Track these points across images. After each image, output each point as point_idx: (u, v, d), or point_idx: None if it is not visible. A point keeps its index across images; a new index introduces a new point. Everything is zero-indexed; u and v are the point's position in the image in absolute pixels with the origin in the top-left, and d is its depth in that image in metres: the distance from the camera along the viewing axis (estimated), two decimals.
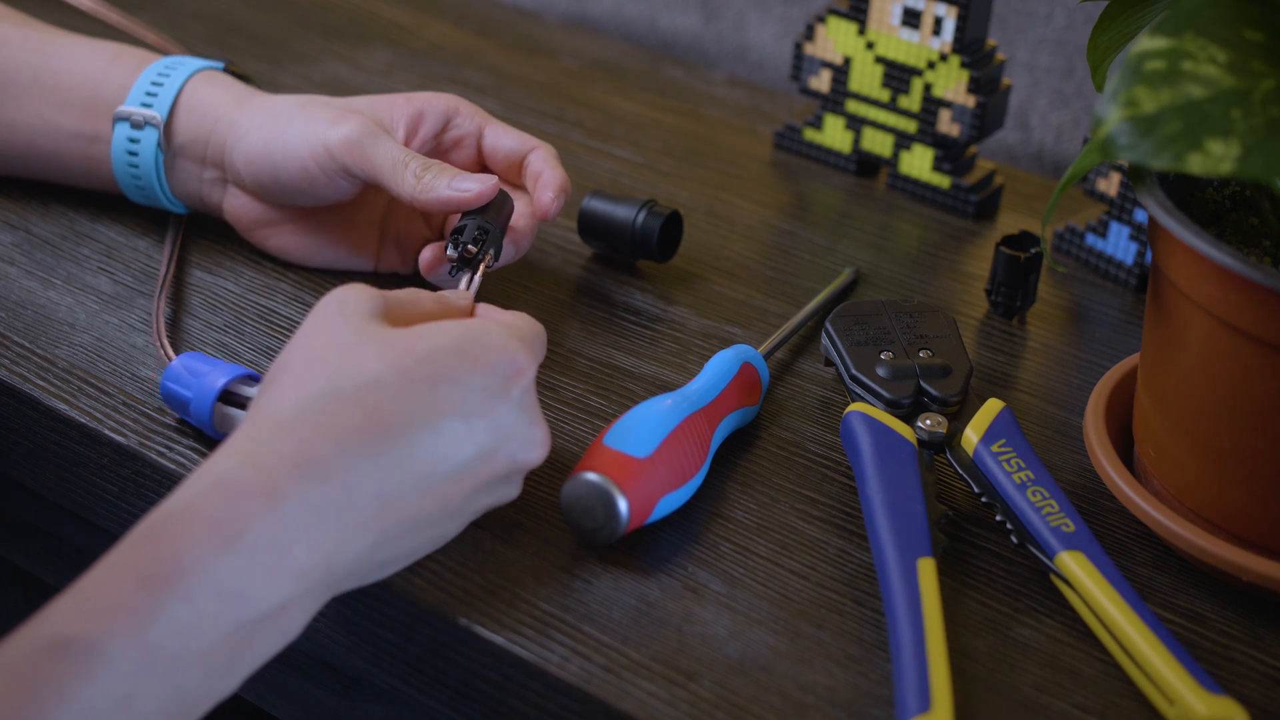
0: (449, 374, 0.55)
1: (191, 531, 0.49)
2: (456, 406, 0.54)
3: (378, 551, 0.53)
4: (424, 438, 0.54)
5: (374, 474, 0.52)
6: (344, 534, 0.52)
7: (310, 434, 0.52)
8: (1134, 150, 0.51)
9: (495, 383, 0.56)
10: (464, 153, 0.76)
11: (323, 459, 0.52)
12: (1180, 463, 0.61)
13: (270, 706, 0.70)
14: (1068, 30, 1.03)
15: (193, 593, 0.48)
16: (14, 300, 0.73)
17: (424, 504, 0.54)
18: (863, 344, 0.68)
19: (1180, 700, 0.53)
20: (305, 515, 0.51)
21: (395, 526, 0.53)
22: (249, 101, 0.74)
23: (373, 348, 0.54)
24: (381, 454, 0.53)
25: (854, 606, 0.59)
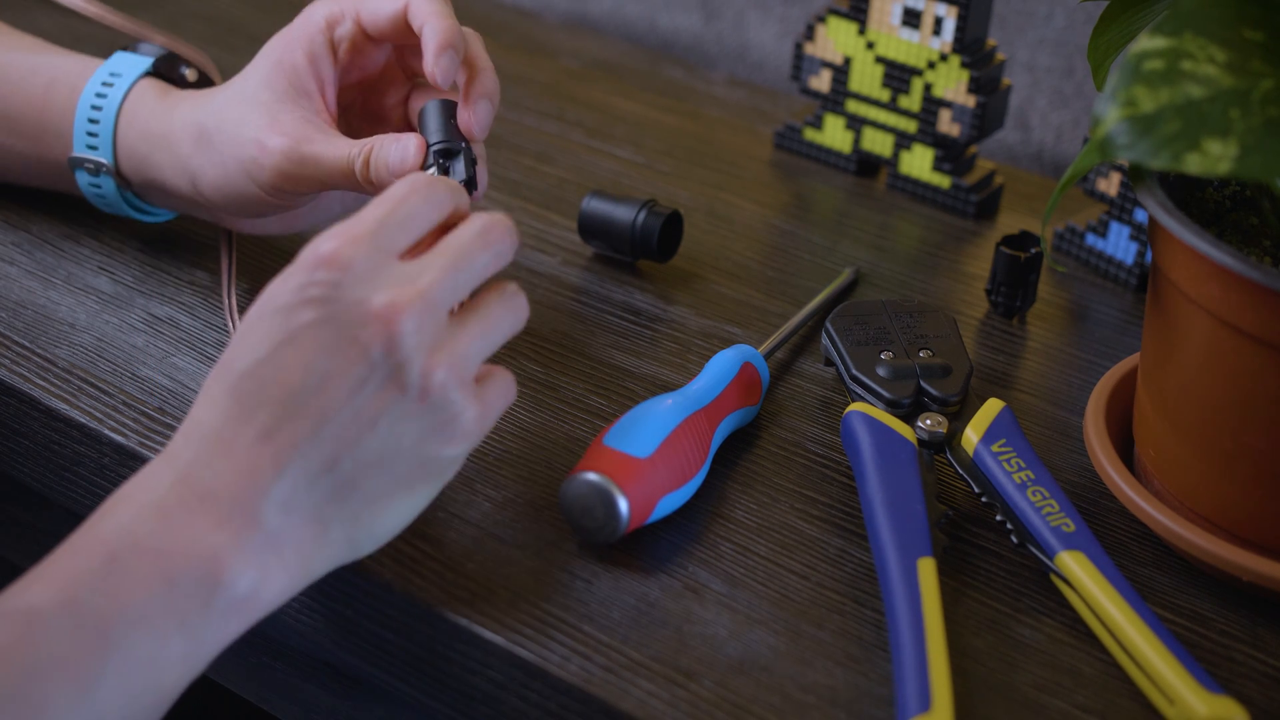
0: (270, 295, 0.54)
1: (111, 508, 0.52)
2: (279, 322, 0.54)
3: (301, 488, 0.52)
4: (261, 368, 0.53)
5: (234, 415, 0.53)
6: (238, 479, 0.52)
7: (192, 411, 0.54)
8: (1132, 150, 0.51)
9: (306, 278, 0.54)
10: (365, 54, 0.72)
11: (196, 421, 0.54)
12: (1180, 463, 0.61)
13: (270, 706, 0.70)
14: (1068, 30, 1.03)
15: (114, 553, 0.50)
16: (14, 300, 0.73)
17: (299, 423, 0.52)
18: (863, 344, 0.68)
19: (1180, 700, 0.53)
20: (197, 469, 0.52)
21: (291, 456, 0.52)
22: (177, 134, 0.71)
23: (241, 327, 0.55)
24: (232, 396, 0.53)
25: (854, 606, 0.59)
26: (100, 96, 0.73)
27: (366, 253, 0.54)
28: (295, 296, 0.54)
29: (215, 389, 0.54)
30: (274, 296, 0.54)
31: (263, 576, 0.52)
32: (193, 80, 0.76)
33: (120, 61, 0.74)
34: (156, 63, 0.75)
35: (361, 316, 0.53)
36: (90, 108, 0.73)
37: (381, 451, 0.54)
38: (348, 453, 0.53)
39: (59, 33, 1.01)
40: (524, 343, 0.73)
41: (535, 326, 0.75)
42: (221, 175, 0.69)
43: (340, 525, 0.54)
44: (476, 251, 0.56)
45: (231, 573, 0.51)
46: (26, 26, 0.94)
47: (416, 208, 0.56)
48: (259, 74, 0.70)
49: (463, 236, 0.56)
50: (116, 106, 0.73)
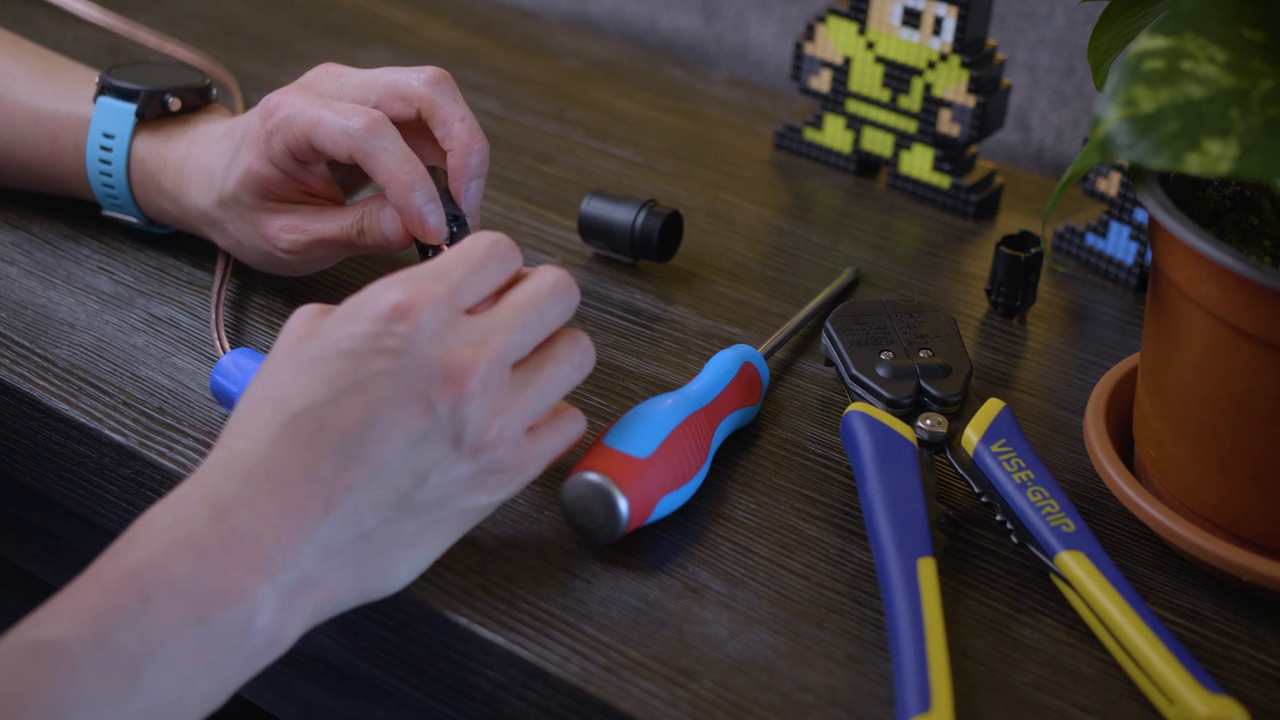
0: (334, 339, 0.54)
1: (146, 540, 0.51)
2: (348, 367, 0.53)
3: (340, 531, 0.52)
4: (325, 408, 0.53)
5: (292, 457, 0.52)
6: (285, 520, 0.51)
7: (234, 441, 0.53)
8: (1132, 150, 0.51)
9: (380, 329, 0.54)
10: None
11: (244, 455, 0.52)
12: (1180, 463, 0.61)
13: (270, 706, 0.70)
14: (1068, 30, 1.03)
15: (149, 595, 0.49)
16: (14, 300, 0.73)
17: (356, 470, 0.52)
18: (863, 344, 0.68)
19: (1180, 700, 0.53)
20: (241, 508, 0.51)
21: (341, 502, 0.52)
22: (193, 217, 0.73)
23: (286, 350, 0.55)
24: (292, 435, 0.52)
25: (854, 606, 0.59)
26: (105, 162, 0.74)
27: (442, 311, 0.55)
28: (368, 344, 0.54)
29: (263, 423, 0.53)
30: (338, 340, 0.54)
31: (291, 618, 0.52)
32: (176, 110, 0.75)
33: (107, 116, 0.74)
34: (139, 111, 0.74)
35: (434, 374, 0.54)
36: (100, 174, 0.75)
37: (426, 502, 0.54)
38: (396, 502, 0.53)
39: (59, 33, 1.01)
40: None
41: None
42: (246, 255, 0.73)
43: (373, 569, 0.54)
44: (546, 309, 0.57)
45: (264, 617, 0.51)
46: (26, 27, 0.94)
47: (494, 270, 0.57)
48: (235, 178, 0.70)
49: (532, 294, 0.57)
50: (124, 177, 0.74)
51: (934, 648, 0.54)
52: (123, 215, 0.76)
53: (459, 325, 0.55)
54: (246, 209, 0.70)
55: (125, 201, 0.75)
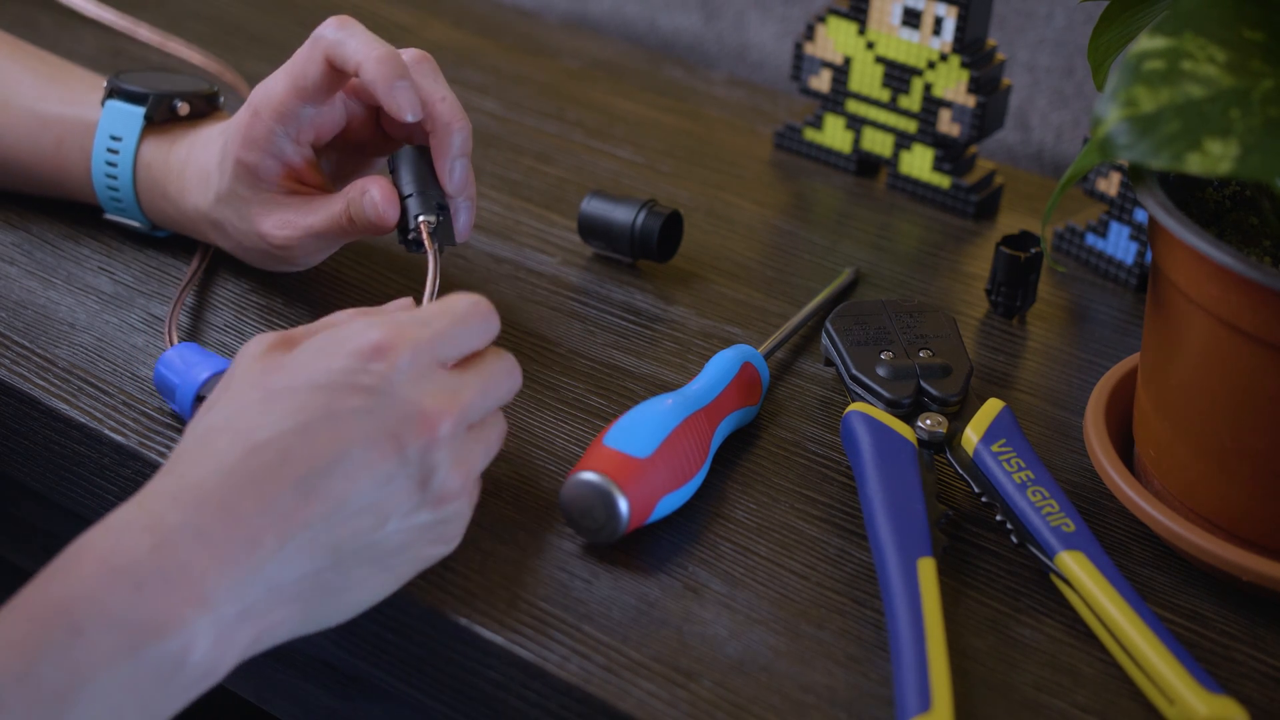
0: (307, 372, 0.54)
1: (79, 568, 0.49)
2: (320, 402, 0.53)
3: (289, 568, 0.51)
4: (292, 441, 0.52)
5: (249, 486, 0.51)
6: (234, 551, 0.50)
7: (186, 468, 0.52)
8: (1133, 150, 0.51)
9: (356, 367, 0.54)
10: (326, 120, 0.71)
11: (197, 484, 0.51)
12: (1180, 463, 0.61)
13: (270, 706, 0.70)
14: (1068, 30, 1.03)
15: (80, 626, 0.47)
16: (14, 300, 0.73)
17: (314, 506, 0.51)
18: (863, 344, 0.68)
19: (1180, 700, 0.53)
20: (188, 538, 0.49)
21: (295, 537, 0.51)
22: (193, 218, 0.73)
23: (248, 378, 0.54)
24: (251, 466, 0.51)
25: (854, 606, 0.59)
26: (110, 165, 0.74)
27: (422, 358, 0.55)
28: (344, 379, 0.53)
29: (220, 450, 0.52)
30: (312, 373, 0.53)
31: (227, 651, 0.50)
32: (184, 115, 0.75)
33: (115, 119, 0.74)
34: (148, 114, 0.74)
35: (409, 415, 0.53)
36: (105, 176, 0.75)
37: (382, 547, 0.54)
38: (351, 543, 0.53)
39: (59, 32, 1.01)
40: (524, 343, 0.73)
41: (535, 326, 0.75)
42: (246, 254, 0.73)
43: (316, 606, 0.53)
44: (502, 381, 0.58)
45: (199, 651, 0.49)
46: (26, 28, 0.94)
47: (474, 329, 0.58)
48: (229, 171, 0.70)
49: (495, 366, 0.58)
50: (130, 180, 0.74)
51: (934, 648, 0.54)
52: (125, 219, 0.76)
53: (434, 374, 0.55)
54: (241, 203, 0.70)
55: (129, 205, 0.75)
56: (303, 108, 0.69)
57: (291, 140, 0.70)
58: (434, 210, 0.68)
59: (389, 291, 0.76)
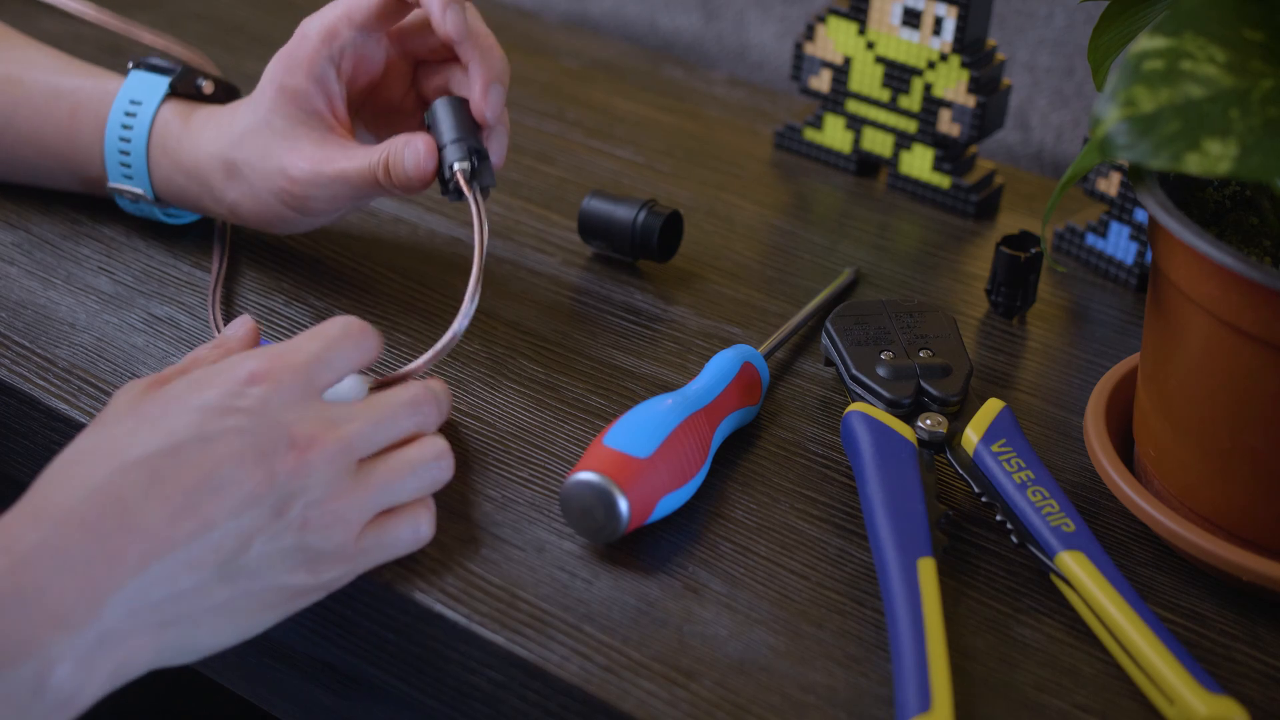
0: (179, 400, 0.53)
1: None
2: (191, 425, 0.52)
3: (152, 589, 0.50)
4: (160, 462, 0.51)
5: (112, 505, 0.50)
6: (94, 570, 0.49)
7: (48, 489, 0.51)
8: (1132, 150, 0.51)
9: (227, 392, 0.53)
10: (369, 55, 0.72)
11: (57, 504, 0.50)
12: (1180, 463, 0.61)
13: (270, 706, 0.70)
14: (1068, 30, 1.03)
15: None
16: (14, 300, 0.73)
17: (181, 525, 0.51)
18: (863, 344, 0.68)
19: (1180, 700, 0.53)
20: (45, 556, 0.48)
21: (159, 556, 0.50)
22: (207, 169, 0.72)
23: (118, 412, 0.54)
24: (116, 486, 0.50)
25: (854, 606, 0.59)
26: (126, 128, 0.74)
27: (298, 383, 0.55)
28: (222, 401, 0.53)
29: (87, 472, 0.51)
30: (186, 399, 0.53)
31: (88, 678, 0.49)
32: (210, 93, 0.76)
33: (138, 85, 0.75)
34: (173, 82, 0.75)
35: (282, 439, 0.53)
36: (119, 139, 0.74)
37: (245, 569, 0.53)
38: (215, 564, 0.52)
39: (60, 33, 1.01)
40: (524, 343, 0.73)
41: (535, 327, 0.75)
42: (256, 204, 0.72)
43: (176, 633, 0.52)
44: (401, 415, 0.58)
45: (58, 675, 0.48)
46: (26, 27, 0.94)
47: (347, 351, 0.57)
48: (267, 101, 0.71)
49: (390, 399, 0.58)
50: (144, 139, 0.74)
51: (934, 648, 0.54)
52: (130, 187, 0.75)
53: (313, 402, 0.55)
54: (272, 135, 0.70)
55: (138, 169, 0.74)
56: (352, 33, 0.70)
57: (334, 66, 0.70)
58: (469, 156, 0.68)
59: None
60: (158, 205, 0.76)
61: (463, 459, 0.65)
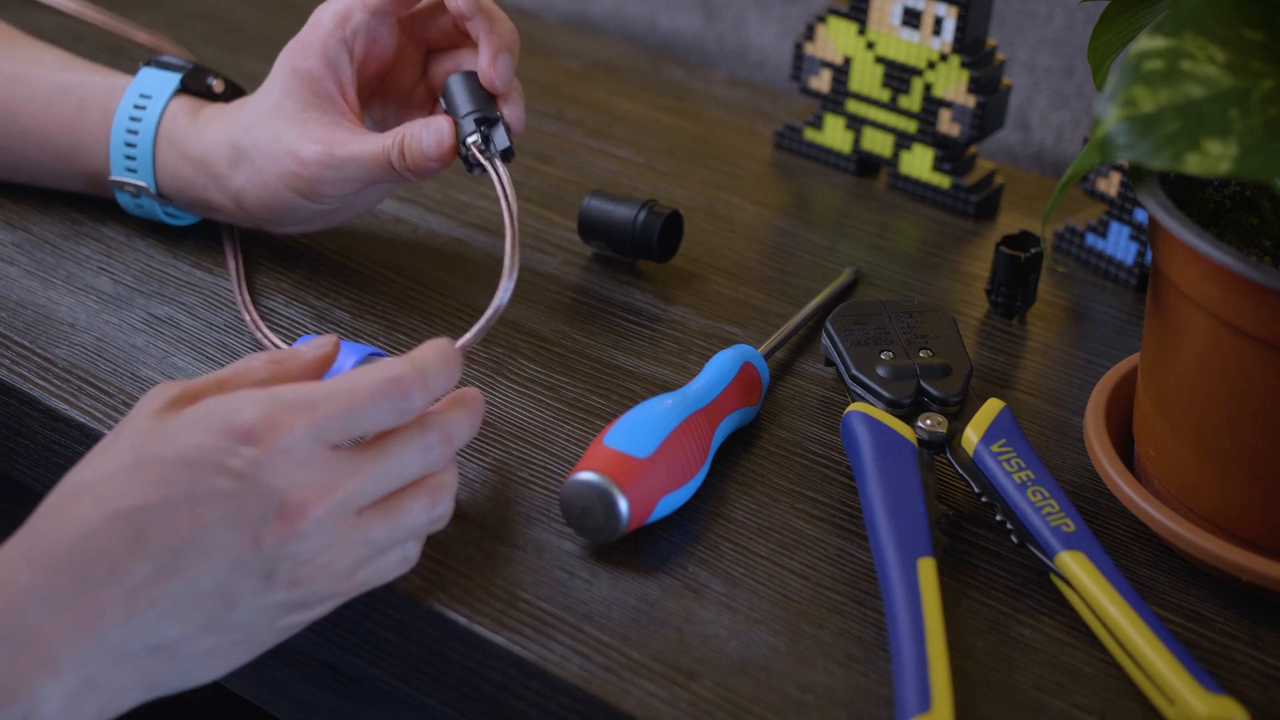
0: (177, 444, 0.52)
1: None
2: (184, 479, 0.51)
3: (135, 638, 0.50)
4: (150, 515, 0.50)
5: (101, 555, 0.49)
6: (80, 619, 0.49)
7: (45, 527, 0.51)
8: (1132, 150, 0.51)
9: (224, 447, 0.52)
10: (381, 41, 0.73)
11: (50, 547, 0.50)
12: (1180, 463, 0.61)
13: (270, 706, 0.70)
14: (1068, 30, 1.03)
15: None
16: (14, 300, 0.73)
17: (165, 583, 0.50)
18: (863, 344, 0.68)
19: (1180, 700, 0.53)
20: (36, 601, 0.48)
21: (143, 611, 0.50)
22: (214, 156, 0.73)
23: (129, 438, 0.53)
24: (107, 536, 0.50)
25: (854, 606, 0.59)
26: (134, 120, 0.74)
27: (303, 440, 0.53)
28: (212, 458, 0.52)
29: (81, 513, 0.50)
30: (183, 447, 0.52)
31: (74, 718, 0.49)
32: (220, 91, 0.76)
33: (149, 80, 0.75)
34: (184, 79, 0.75)
35: (270, 509, 0.52)
36: (126, 131, 0.74)
37: (234, 623, 0.52)
38: (200, 620, 0.51)
39: (58, 33, 1.01)
40: (524, 343, 0.73)
41: (535, 327, 0.75)
42: (263, 191, 0.71)
43: (164, 676, 0.52)
44: (409, 462, 0.56)
45: (44, 716, 0.48)
46: (26, 27, 0.94)
47: (373, 414, 0.55)
48: (279, 85, 0.71)
49: (404, 444, 0.55)
50: (152, 131, 0.74)
51: (934, 648, 0.54)
52: (132, 180, 0.75)
53: (312, 461, 0.53)
54: (283, 120, 0.70)
55: (143, 162, 0.74)
56: (364, 16, 0.71)
57: (347, 50, 0.71)
58: (478, 129, 0.69)
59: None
60: (159, 201, 0.76)
61: (463, 459, 0.65)
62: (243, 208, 0.73)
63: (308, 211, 0.72)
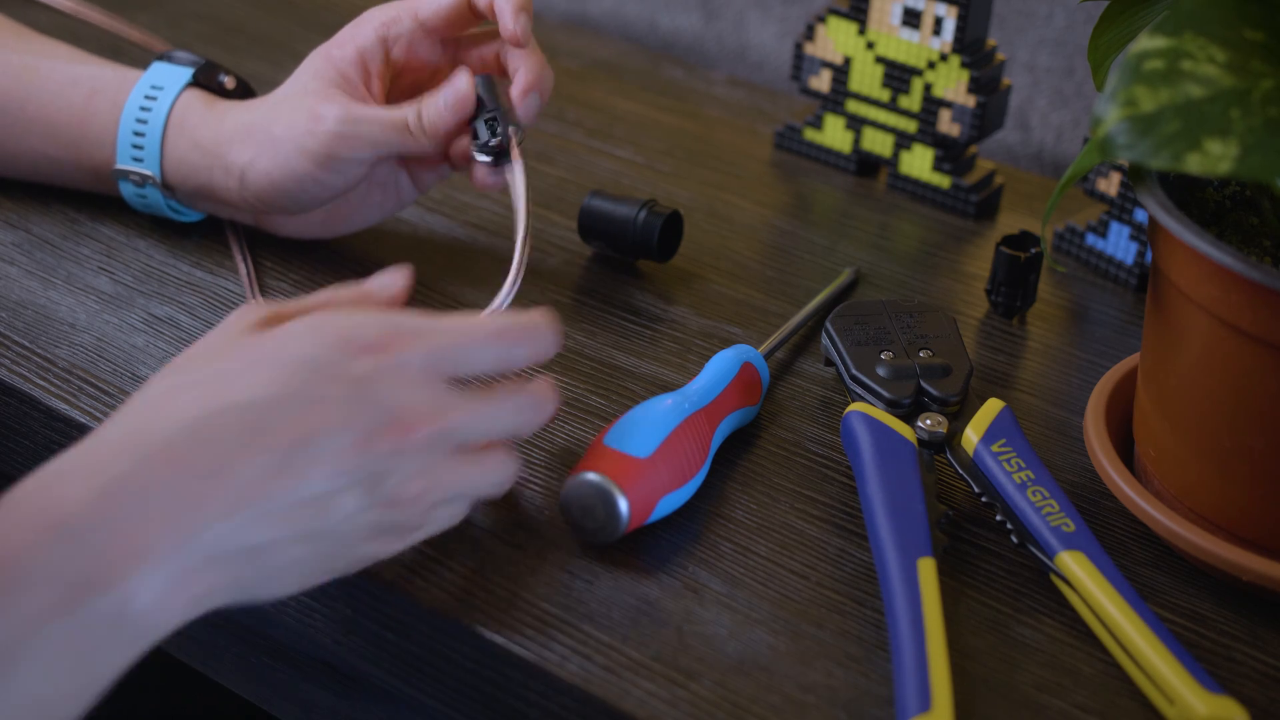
0: (290, 351, 0.52)
1: (19, 518, 0.48)
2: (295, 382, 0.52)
3: (231, 537, 0.50)
4: (259, 414, 0.51)
5: (202, 449, 0.49)
6: (178, 507, 0.49)
7: (139, 421, 0.50)
8: (1132, 150, 0.51)
9: (340, 356, 0.53)
10: (422, 52, 0.75)
11: (148, 438, 0.50)
12: (1180, 462, 0.61)
13: (270, 706, 0.70)
14: (1068, 30, 1.03)
15: (21, 580, 0.46)
16: (14, 300, 0.73)
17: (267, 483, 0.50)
18: (863, 344, 0.68)
19: (1180, 700, 0.53)
20: (131, 490, 0.48)
21: (242, 506, 0.50)
22: (228, 138, 0.73)
23: (228, 348, 0.53)
24: (210, 429, 0.50)
25: (854, 606, 0.59)
26: (144, 110, 0.74)
27: (416, 364, 0.54)
28: (333, 361, 0.52)
29: (184, 405, 0.50)
30: (300, 347, 0.52)
31: (167, 609, 0.49)
32: (231, 88, 0.77)
33: (160, 74, 0.76)
34: (196, 73, 0.76)
35: (383, 419, 0.52)
36: (135, 121, 0.74)
37: (326, 535, 0.52)
38: (296, 526, 0.51)
39: (58, 33, 1.00)
40: None
41: None
42: (273, 161, 0.71)
43: (249, 580, 0.52)
44: (507, 414, 0.57)
45: (139, 605, 0.48)
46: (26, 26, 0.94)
47: (484, 355, 0.56)
48: (309, 69, 0.73)
49: (511, 398, 0.57)
50: (162, 121, 0.74)
51: (934, 648, 0.54)
52: (137, 168, 0.75)
53: (423, 385, 0.54)
54: (307, 95, 0.71)
55: (150, 151, 0.74)
56: (412, 25, 0.73)
57: (384, 49, 0.73)
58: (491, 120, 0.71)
59: None
60: (163, 192, 0.76)
61: None
62: (246, 189, 0.73)
63: (315, 188, 0.72)
